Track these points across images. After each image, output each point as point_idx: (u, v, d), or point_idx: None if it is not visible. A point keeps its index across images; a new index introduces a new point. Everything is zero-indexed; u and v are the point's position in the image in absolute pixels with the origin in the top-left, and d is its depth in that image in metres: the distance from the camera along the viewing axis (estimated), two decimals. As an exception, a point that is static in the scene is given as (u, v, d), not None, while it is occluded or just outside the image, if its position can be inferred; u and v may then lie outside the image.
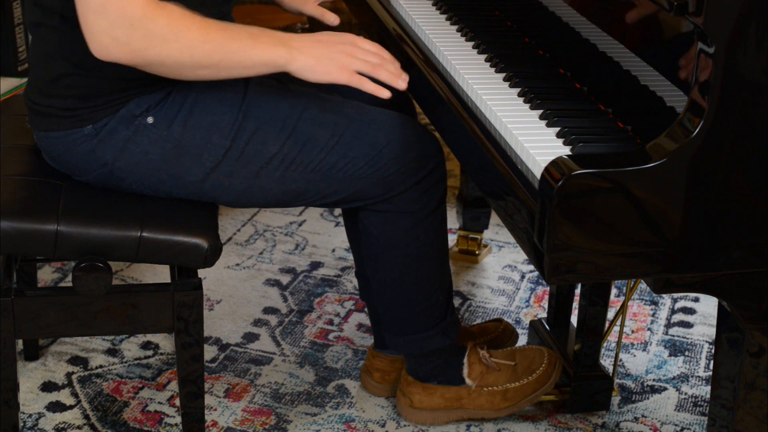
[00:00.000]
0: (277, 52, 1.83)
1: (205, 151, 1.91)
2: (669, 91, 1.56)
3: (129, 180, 1.92)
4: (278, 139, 1.93)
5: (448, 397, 2.23)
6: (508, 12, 2.16)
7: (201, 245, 1.88)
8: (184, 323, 1.92)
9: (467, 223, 2.88)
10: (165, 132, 1.90)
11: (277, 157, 1.93)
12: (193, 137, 1.91)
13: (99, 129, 1.89)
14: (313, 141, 1.94)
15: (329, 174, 1.96)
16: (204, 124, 1.91)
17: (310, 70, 1.85)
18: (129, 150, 1.90)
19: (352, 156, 1.96)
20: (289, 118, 1.94)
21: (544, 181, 1.46)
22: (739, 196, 1.49)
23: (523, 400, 2.22)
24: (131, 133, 1.89)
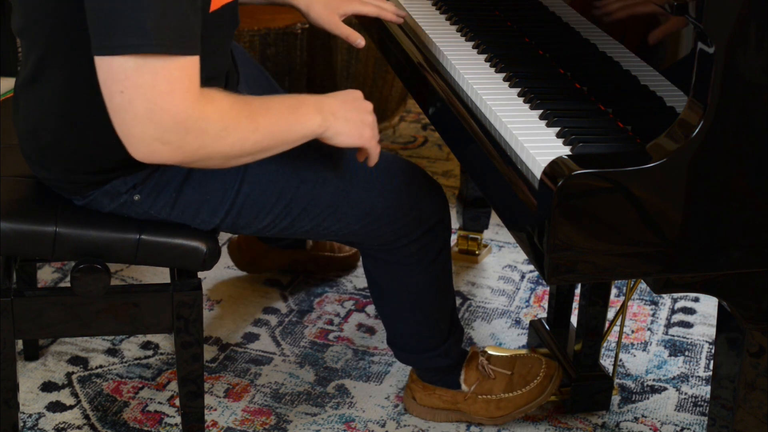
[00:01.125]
0: (316, 122, 1.78)
1: (194, 224, 1.90)
2: (669, 91, 1.56)
3: None
4: (271, 212, 1.91)
5: (445, 399, 2.24)
6: (508, 12, 2.16)
7: (199, 248, 1.88)
8: (184, 323, 1.92)
9: (467, 223, 2.88)
10: (152, 210, 1.87)
11: (269, 226, 1.93)
12: (181, 214, 1.88)
13: (85, 198, 1.88)
14: (307, 212, 1.93)
15: (322, 232, 1.97)
16: (194, 202, 1.87)
17: (345, 135, 1.82)
18: (127, 206, 1.88)
19: (346, 222, 1.95)
20: (285, 193, 1.90)
21: (544, 180, 1.46)
22: (739, 196, 1.49)
23: (515, 411, 2.23)
24: (117, 206, 1.87)
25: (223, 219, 1.90)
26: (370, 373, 2.43)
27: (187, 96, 1.61)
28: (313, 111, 1.79)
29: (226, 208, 1.89)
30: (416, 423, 2.27)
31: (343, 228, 1.96)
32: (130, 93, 1.58)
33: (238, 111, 1.69)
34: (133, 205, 1.87)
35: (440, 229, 2.04)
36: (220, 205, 1.88)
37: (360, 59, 3.41)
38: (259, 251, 2.69)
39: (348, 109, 1.83)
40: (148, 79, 1.58)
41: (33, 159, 1.89)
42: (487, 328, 2.61)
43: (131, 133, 1.62)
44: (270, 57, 3.22)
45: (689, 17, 1.46)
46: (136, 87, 1.58)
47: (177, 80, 1.59)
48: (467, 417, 2.25)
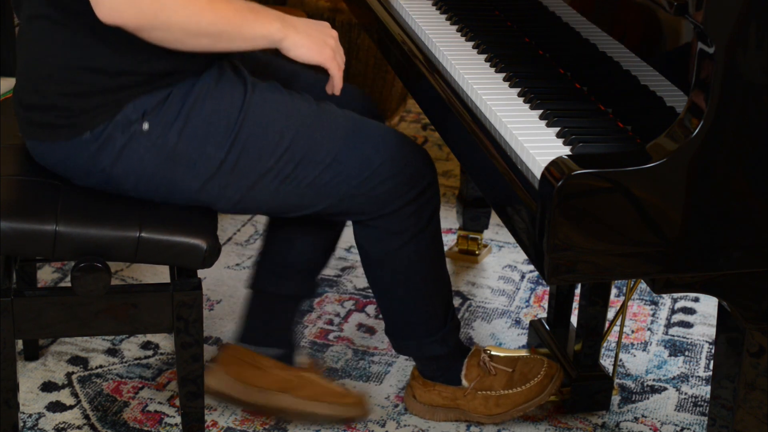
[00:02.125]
0: (275, 27, 1.89)
1: (200, 161, 1.91)
2: (669, 91, 1.56)
3: (126, 186, 1.92)
4: (273, 153, 1.94)
5: (444, 396, 2.24)
6: (508, 12, 2.16)
7: (200, 246, 1.88)
8: (184, 323, 1.92)
9: (467, 223, 2.88)
10: (160, 140, 1.89)
11: (272, 171, 1.94)
12: (188, 147, 1.90)
13: (97, 136, 1.88)
14: (309, 158, 1.95)
15: (323, 190, 1.98)
16: (199, 134, 1.91)
17: (304, 47, 1.92)
18: (125, 157, 1.89)
19: (346, 174, 1.97)
20: (286, 134, 1.95)
21: (544, 181, 1.46)
22: (739, 196, 1.49)
23: (514, 409, 2.23)
24: (127, 140, 1.89)
25: (228, 152, 1.91)
26: (370, 373, 2.43)
27: None
28: (274, 18, 1.90)
29: (230, 141, 1.91)
30: (416, 423, 2.27)
31: (344, 183, 1.98)
32: None
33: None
34: (142, 138, 1.89)
35: (431, 192, 2.07)
36: (225, 138, 1.91)
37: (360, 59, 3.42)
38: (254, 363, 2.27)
39: (311, 27, 1.95)
40: None
41: (39, 90, 1.90)
42: (487, 328, 2.61)
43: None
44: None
45: (689, 17, 1.46)
46: None
47: None
48: (466, 415, 2.25)
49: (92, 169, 1.91)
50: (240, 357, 2.19)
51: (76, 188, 1.93)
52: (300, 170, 1.96)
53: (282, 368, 2.20)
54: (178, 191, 1.93)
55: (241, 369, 2.19)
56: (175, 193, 1.93)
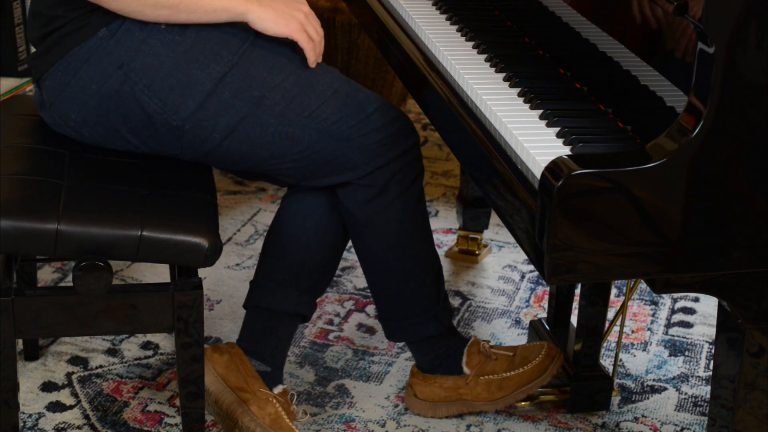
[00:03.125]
0: (236, 1, 1.93)
1: (214, 61, 1.96)
2: (669, 91, 1.56)
3: (141, 84, 1.95)
4: (283, 71, 1.99)
5: (446, 387, 2.23)
6: (508, 12, 2.16)
7: (201, 244, 1.88)
8: (184, 323, 1.92)
9: (467, 223, 2.88)
10: (178, 36, 1.95)
11: (280, 88, 1.99)
12: (204, 46, 1.96)
13: (114, 31, 1.93)
14: (313, 86, 2.01)
15: (322, 125, 2.01)
16: (215, 38, 1.96)
17: (270, 21, 1.97)
18: (143, 51, 1.94)
19: (343, 113, 2.02)
20: (293, 59, 2.02)
21: (544, 181, 1.46)
22: (739, 196, 1.49)
23: (517, 391, 2.22)
24: (145, 35, 1.94)
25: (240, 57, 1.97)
26: (370, 373, 2.43)
27: None
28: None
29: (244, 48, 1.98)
30: (416, 423, 2.27)
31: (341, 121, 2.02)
32: None
33: None
34: (160, 33, 1.94)
35: (415, 153, 2.11)
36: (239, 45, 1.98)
37: (360, 59, 3.42)
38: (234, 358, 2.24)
39: (278, 1, 1.99)
40: None
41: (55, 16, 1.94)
42: (487, 328, 2.61)
43: None
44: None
45: (689, 17, 1.46)
46: None
47: None
48: (469, 406, 2.25)
49: (109, 68, 1.94)
50: (229, 351, 2.19)
51: (78, 186, 1.93)
52: (304, 95, 2.00)
53: (258, 382, 2.16)
54: (190, 93, 1.96)
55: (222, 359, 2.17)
56: (187, 96, 1.96)
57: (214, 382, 2.14)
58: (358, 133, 2.03)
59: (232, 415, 2.12)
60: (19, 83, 3.17)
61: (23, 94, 2.76)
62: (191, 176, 2.05)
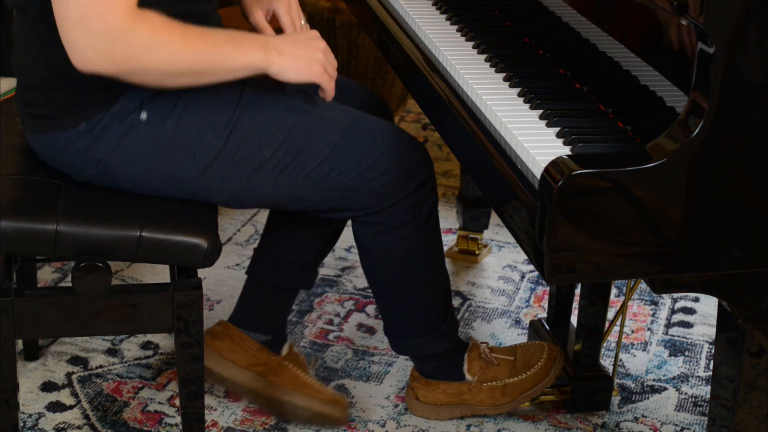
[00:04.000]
0: (258, 55, 1.86)
1: (198, 149, 1.91)
2: (669, 91, 1.56)
3: (123, 177, 1.92)
4: (272, 144, 1.93)
5: (449, 393, 2.24)
6: (508, 12, 2.16)
7: (200, 245, 1.88)
8: (184, 323, 1.92)
9: (467, 223, 2.88)
10: (159, 128, 1.89)
11: (271, 161, 1.94)
12: (187, 134, 1.90)
13: (93, 126, 1.88)
14: (307, 149, 1.95)
15: (322, 182, 1.98)
16: (198, 122, 1.90)
17: (292, 70, 1.89)
18: (123, 146, 1.89)
19: (344, 167, 1.97)
20: (284, 124, 1.94)
21: (544, 181, 1.46)
22: (739, 196, 1.49)
23: (521, 396, 2.23)
24: (125, 130, 1.89)
25: (226, 141, 1.91)
26: (370, 373, 2.43)
27: (118, 6, 1.70)
28: (257, 46, 1.86)
29: (229, 128, 1.91)
30: (416, 423, 2.27)
31: (342, 175, 1.98)
32: None
33: (172, 29, 1.77)
34: (140, 127, 1.89)
35: (429, 186, 2.07)
36: (224, 126, 1.91)
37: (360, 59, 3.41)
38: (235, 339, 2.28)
39: (296, 46, 1.91)
40: None
41: (35, 99, 1.91)
42: (487, 328, 2.61)
43: (68, 39, 1.72)
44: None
45: (689, 17, 1.46)
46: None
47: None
48: (472, 410, 2.25)
49: (88, 161, 1.91)
50: (227, 333, 2.21)
51: (77, 187, 1.93)
52: (298, 161, 1.96)
53: (265, 352, 2.21)
54: (176, 181, 1.92)
55: (224, 344, 2.21)
56: (173, 183, 1.93)
57: (227, 369, 2.18)
58: (361, 181, 1.99)
59: (258, 392, 2.20)
60: (19, 83, 3.16)
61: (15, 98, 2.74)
62: (191, 176, 2.05)
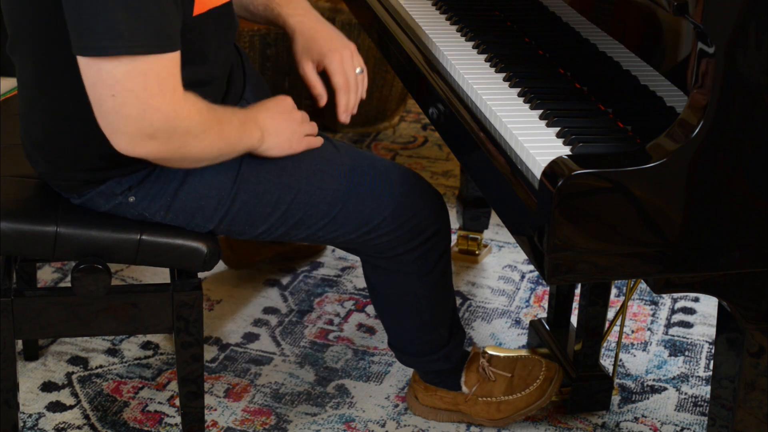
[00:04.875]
0: (257, 137, 1.86)
1: (189, 227, 1.91)
2: (669, 91, 1.56)
3: None
4: (266, 221, 1.92)
5: (446, 400, 2.24)
6: (508, 12, 2.16)
7: (200, 249, 1.88)
8: (184, 323, 1.92)
9: (467, 223, 2.88)
10: (147, 212, 1.88)
11: (265, 233, 1.94)
12: (176, 218, 1.89)
13: (82, 197, 1.88)
14: (304, 221, 1.94)
15: (320, 240, 1.98)
16: (188, 208, 1.88)
17: (276, 149, 1.89)
18: (121, 209, 1.89)
19: (342, 231, 1.97)
20: (281, 202, 1.92)
21: (544, 180, 1.46)
22: (739, 196, 1.49)
23: (515, 414, 2.23)
24: (112, 207, 1.88)
25: (218, 225, 1.91)
26: (370, 373, 2.43)
27: (175, 95, 1.67)
28: (255, 127, 1.86)
29: (220, 215, 1.89)
30: (416, 423, 2.27)
31: (339, 237, 1.97)
32: (123, 97, 1.63)
33: (212, 116, 1.76)
34: (128, 207, 1.87)
35: (439, 238, 2.04)
36: (215, 212, 1.89)
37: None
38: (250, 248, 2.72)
39: (279, 122, 1.90)
40: (139, 82, 1.62)
41: (31, 155, 1.91)
42: (487, 328, 2.61)
43: (121, 131, 1.67)
44: (270, 57, 3.22)
45: (689, 17, 1.46)
46: (128, 91, 1.62)
47: (165, 80, 1.64)
48: (468, 418, 2.25)
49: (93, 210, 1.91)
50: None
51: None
52: (294, 230, 1.95)
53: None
54: None
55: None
56: None
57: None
58: (361, 240, 1.98)
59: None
60: (19, 83, 3.16)
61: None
62: (191, 176, 2.05)
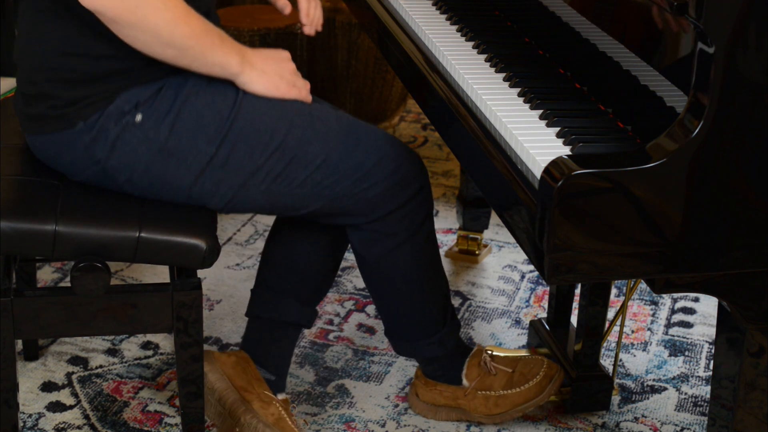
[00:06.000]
0: (234, 61, 1.91)
1: (191, 155, 1.91)
2: (669, 91, 1.56)
3: (121, 180, 1.93)
4: (264, 152, 1.94)
5: (446, 396, 2.24)
6: (508, 12, 2.16)
7: (199, 246, 1.88)
8: (184, 323, 1.92)
9: (467, 223, 2.88)
10: (152, 132, 1.90)
11: (263, 169, 1.94)
12: (179, 140, 1.91)
13: (90, 126, 1.89)
14: (300, 158, 1.96)
15: (315, 190, 1.98)
16: (191, 128, 1.91)
17: (260, 84, 1.95)
18: (119, 149, 1.90)
19: (337, 175, 1.98)
20: (277, 133, 1.95)
21: (544, 181, 1.46)
22: (739, 196, 1.49)
23: (513, 410, 2.23)
24: (120, 131, 1.89)
25: (218, 147, 1.91)
26: (370, 373, 2.43)
27: None
28: (236, 52, 1.92)
29: (221, 136, 1.92)
30: (416, 423, 2.27)
31: (335, 184, 1.98)
32: None
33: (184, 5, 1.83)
34: (135, 129, 1.89)
35: (423, 196, 2.08)
36: (216, 133, 1.92)
37: (360, 59, 3.42)
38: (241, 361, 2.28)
39: (267, 63, 1.97)
40: None
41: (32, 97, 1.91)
42: (487, 328, 2.61)
43: None
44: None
45: (689, 17, 1.46)
46: None
47: None
48: (467, 415, 2.25)
49: (87, 162, 1.91)
50: (238, 355, 2.19)
51: (76, 188, 1.94)
52: (291, 169, 1.96)
53: (263, 385, 2.17)
54: (171, 186, 1.93)
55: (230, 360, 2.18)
56: (168, 188, 1.93)
57: (220, 379, 2.14)
58: (355, 190, 2.00)
59: (234, 413, 2.12)
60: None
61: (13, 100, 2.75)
62: (191, 176, 2.05)
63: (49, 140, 1.92)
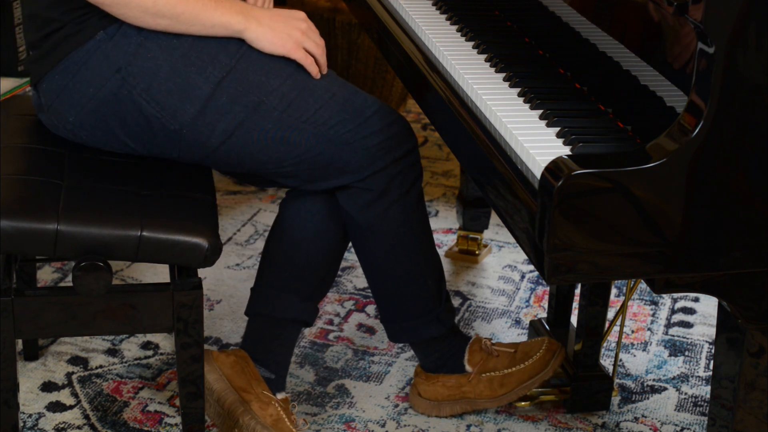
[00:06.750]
0: (236, 18, 1.96)
1: (211, 65, 1.96)
2: (669, 91, 1.56)
3: (139, 88, 1.95)
4: (280, 74, 2.00)
5: (449, 386, 2.24)
6: (508, 12, 2.16)
7: (201, 245, 1.88)
8: (184, 323, 1.92)
9: (467, 223, 2.88)
10: (175, 40, 1.95)
11: (277, 92, 1.99)
12: (201, 50, 1.96)
13: (111, 34, 1.94)
14: (310, 89, 2.01)
15: (320, 129, 2.01)
16: (213, 40, 1.97)
17: (266, 40, 1.99)
18: (140, 55, 1.94)
19: (341, 117, 2.02)
20: (290, 63, 2.02)
21: (544, 181, 1.46)
22: (739, 196, 1.49)
23: (519, 387, 2.23)
24: (143, 39, 1.94)
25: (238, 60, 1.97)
26: (370, 373, 2.43)
27: None
28: (237, 10, 1.97)
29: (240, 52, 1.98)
30: (416, 423, 2.27)
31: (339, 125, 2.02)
32: None
33: None
34: (157, 37, 1.96)
35: (413, 158, 2.12)
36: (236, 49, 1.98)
37: (360, 59, 3.42)
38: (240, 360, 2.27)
39: (276, 20, 2.02)
40: None
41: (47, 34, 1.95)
42: (487, 328, 2.61)
43: None
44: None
45: (689, 17, 1.46)
46: None
47: None
48: (471, 404, 2.25)
49: (107, 72, 1.95)
50: (237, 354, 2.19)
51: (77, 186, 1.93)
52: (302, 99, 2.00)
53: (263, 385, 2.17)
54: (188, 99, 1.96)
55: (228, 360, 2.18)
56: (185, 102, 1.96)
57: (219, 380, 2.14)
58: (356, 136, 2.03)
59: (232, 414, 2.12)
60: (19, 83, 3.17)
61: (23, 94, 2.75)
62: (191, 176, 2.05)
63: (68, 66, 1.95)
